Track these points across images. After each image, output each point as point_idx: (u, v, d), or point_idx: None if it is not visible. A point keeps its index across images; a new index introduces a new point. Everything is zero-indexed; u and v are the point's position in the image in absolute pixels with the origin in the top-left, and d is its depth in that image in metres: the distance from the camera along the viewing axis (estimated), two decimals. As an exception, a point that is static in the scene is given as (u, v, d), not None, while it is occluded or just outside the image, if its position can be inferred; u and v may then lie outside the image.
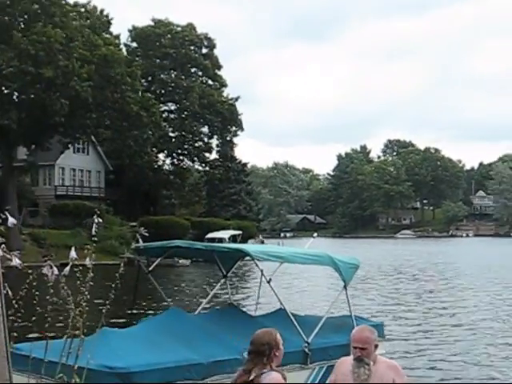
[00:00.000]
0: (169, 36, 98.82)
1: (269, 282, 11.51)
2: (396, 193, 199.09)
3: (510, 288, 41.25)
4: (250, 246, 14.17)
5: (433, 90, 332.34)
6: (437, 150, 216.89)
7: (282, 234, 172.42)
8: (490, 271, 54.80)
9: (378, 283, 44.99)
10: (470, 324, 27.31)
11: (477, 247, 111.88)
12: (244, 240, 72.58)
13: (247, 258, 12.28)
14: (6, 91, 65.80)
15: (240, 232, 76.53)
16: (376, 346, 6.80)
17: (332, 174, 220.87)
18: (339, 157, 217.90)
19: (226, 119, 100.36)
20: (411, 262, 69.06)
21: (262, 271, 11.51)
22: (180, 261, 56.40)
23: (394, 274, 53.10)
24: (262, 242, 78.60)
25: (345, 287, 12.64)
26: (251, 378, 6.32)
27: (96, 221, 6.91)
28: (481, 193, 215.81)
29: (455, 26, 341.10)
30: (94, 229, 6.96)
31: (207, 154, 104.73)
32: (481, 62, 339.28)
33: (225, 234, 72.63)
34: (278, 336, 6.64)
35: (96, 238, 6.53)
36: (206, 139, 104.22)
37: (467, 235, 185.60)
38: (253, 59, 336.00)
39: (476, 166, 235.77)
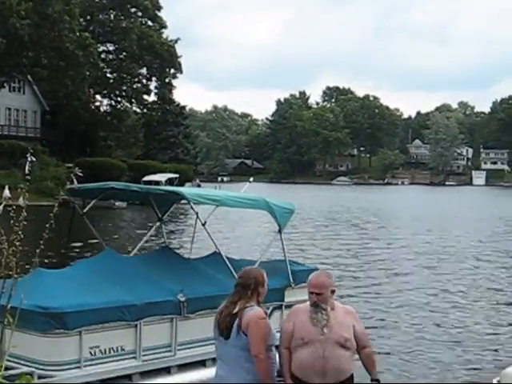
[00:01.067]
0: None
1: (203, 225, 11.51)
2: (334, 139, 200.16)
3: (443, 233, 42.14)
4: (186, 189, 14.12)
5: (373, 39, 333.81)
6: (375, 98, 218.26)
7: (220, 178, 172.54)
8: (425, 219, 55.71)
9: (313, 229, 45.41)
10: (406, 269, 27.90)
11: (412, 195, 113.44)
12: (181, 183, 72.30)
13: (184, 201, 12.27)
14: None
15: (177, 175, 76.27)
16: (333, 292, 6.72)
17: (271, 119, 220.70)
18: (278, 102, 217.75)
19: (165, 61, 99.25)
20: (347, 208, 69.75)
21: (197, 214, 11.52)
22: (116, 203, 56.17)
23: (329, 220, 53.63)
24: (199, 186, 78.53)
25: (280, 232, 12.69)
26: (235, 310, 6.83)
27: (30, 159, 6.81)
28: (417, 142, 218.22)
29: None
30: (27, 167, 6.87)
31: (145, 96, 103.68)
32: (422, 14, 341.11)
33: (161, 177, 72.32)
34: (264, 275, 7.15)
35: (30, 177, 6.44)
36: (144, 81, 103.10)
37: (403, 183, 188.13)
38: (196, 1, 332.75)
39: (413, 115, 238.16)
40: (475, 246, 37.91)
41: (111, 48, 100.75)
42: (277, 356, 6.88)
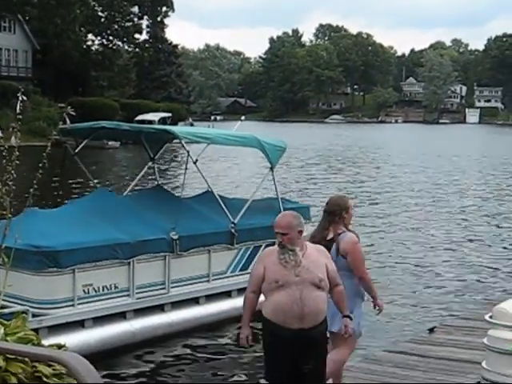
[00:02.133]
0: None
1: (195, 163, 11.56)
2: (327, 77, 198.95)
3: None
4: (177, 127, 14.14)
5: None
6: (369, 36, 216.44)
7: (213, 117, 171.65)
8: (419, 158, 55.80)
9: (305, 168, 45.43)
10: (402, 209, 28.05)
11: (406, 133, 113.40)
12: (174, 122, 71.98)
13: (176, 142, 12.26)
14: None
15: (170, 114, 75.92)
16: (300, 232, 6.48)
17: (264, 57, 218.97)
18: (271, 40, 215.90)
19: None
20: (341, 147, 69.73)
21: (188, 152, 11.54)
22: (109, 143, 55.91)
23: (323, 159, 53.66)
24: (192, 125, 78.27)
25: (271, 169, 12.74)
26: (330, 236, 7.86)
27: (20, 99, 6.79)
28: (411, 79, 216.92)
29: None
30: (18, 107, 6.85)
31: (137, 35, 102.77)
32: None
33: (154, 117, 72.02)
34: (349, 202, 8.16)
35: (21, 117, 6.44)
36: (135, 20, 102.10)
37: (396, 121, 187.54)
38: None
39: (407, 53, 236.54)
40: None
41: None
42: None
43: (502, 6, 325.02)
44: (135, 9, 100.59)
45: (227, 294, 11.96)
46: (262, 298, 6.50)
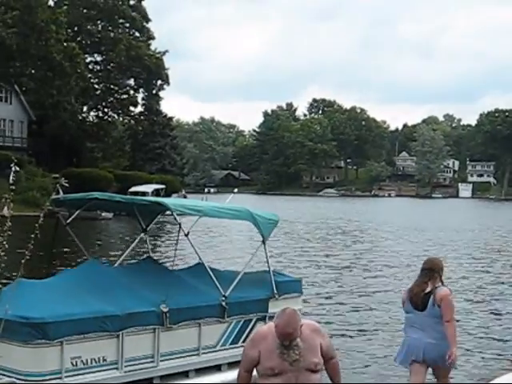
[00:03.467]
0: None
1: (187, 235, 11.53)
2: (320, 151, 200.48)
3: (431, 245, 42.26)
4: (169, 200, 14.12)
5: (359, 51, 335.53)
6: (362, 110, 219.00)
7: (206, 190, 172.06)
8: (414, 230, 55.86)
9: (298, 240, 45.41)
10: (386, 277, 27.97)
11: (399, 207, 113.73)
12: (167, 194, 72.29)
13: (168, 214, 12.26)
14: None
15: (163, 186, 76.28)
16: (301, 326, 6.34)
17: (258, 130, 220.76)
18: (265, 113, 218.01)
19: (153, 73, 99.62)
20: (335, 220, 69.82)
21: (179, 224, 11.52)
22: (102, 214, 55.96)
23: (316, 231, 53.66)
24: (185, 197, 78.39)
25: (263, 242, 12.73)
26: (429, 289, 9.50)
27: (14, 169, 6.79)
28: (404, 154, 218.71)
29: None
30: (11, 177, 6.85)
31: (132, 108, 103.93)
32: (409, 27, 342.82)
33: (148, 188, 72.32)
34: (442, 262, 10.03)
35: (15, 187, 6.43)
36: (131, 92, 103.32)
37: (389, 195, 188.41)
38: (186, 14, 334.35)
39: (400, 128, 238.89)
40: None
41: (99, 59, 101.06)
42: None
43: (494, 82, 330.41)
44: (131, 81, 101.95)
45: (217, 368, 11.83)
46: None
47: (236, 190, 16.36)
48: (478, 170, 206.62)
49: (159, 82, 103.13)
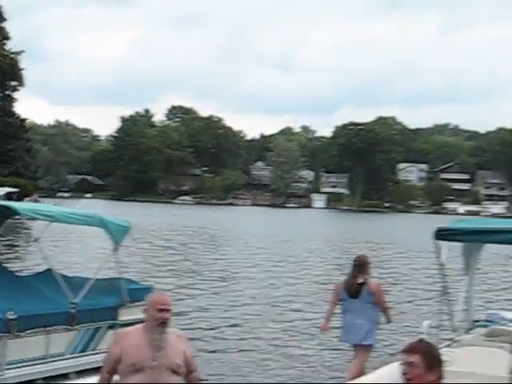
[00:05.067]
0: None
1: (36, 241, 11.30)
2: (177, 158, 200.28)
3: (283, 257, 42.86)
4: (19, 204, 13.75)
5: (219, 60, 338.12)
6: (219, 119, 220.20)
7: (59, 194, 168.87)
8: (265, 240, 56.52)
9: (150, 248, 45.22)
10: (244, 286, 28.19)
11: (253, 216, 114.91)
12: (20, 198, 70.57)
13: (18, 218, 11.97)
14: None
15: (16, 190, 74.56)
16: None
17: (115, 135, 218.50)
18: (123, 119, 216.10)
19: (6, 73, 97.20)
20: (187, 228, 69.84)
21: (29, 229, 11.28)
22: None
23: (166, 240, 53.53)
24: (37, 201, 76.73)
25: (115, 249, 12.62)
26: (361, 280, 11.90)
27: None
28: (259, 163, 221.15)
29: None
30: None
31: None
32: (267, 38, 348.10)
33: (0, 192, 70.44)
34: (369, 259, 12.42)
35: None
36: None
37: (244, 204, 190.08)
38: (46, 15, 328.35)
39: (257, 138, 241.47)
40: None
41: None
42: None
43: (349, 96, 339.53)
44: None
45: (65, 376, 11.61)
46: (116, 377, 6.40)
47: (90, 195, 16.22)
48: (331, 181, 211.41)
49: (13, 82, 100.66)
